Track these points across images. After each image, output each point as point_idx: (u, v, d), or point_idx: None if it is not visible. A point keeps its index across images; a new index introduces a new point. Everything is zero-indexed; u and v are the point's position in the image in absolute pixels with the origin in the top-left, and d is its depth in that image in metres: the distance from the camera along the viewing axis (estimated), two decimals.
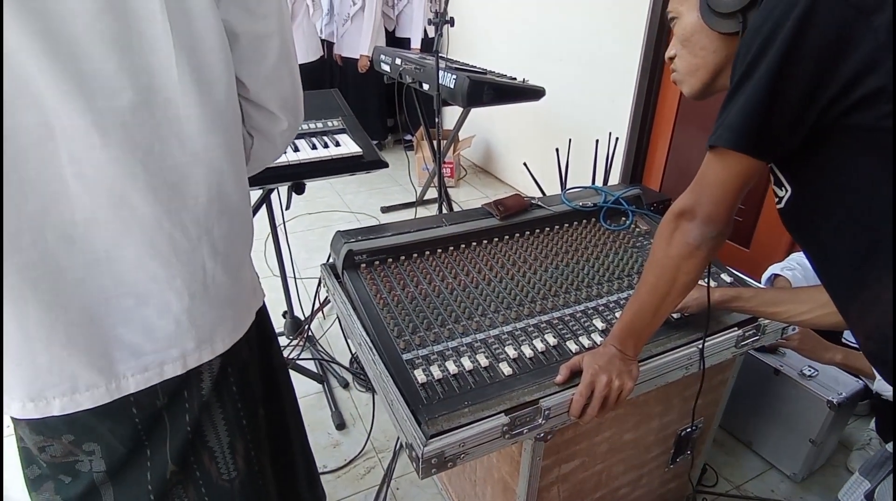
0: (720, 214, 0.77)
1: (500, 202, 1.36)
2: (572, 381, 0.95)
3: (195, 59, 0.66)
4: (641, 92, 2.57)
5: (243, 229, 0.82)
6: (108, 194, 0.64)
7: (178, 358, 0.76)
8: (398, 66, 2.83)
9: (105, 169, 0.63)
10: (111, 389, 0.72)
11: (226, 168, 0.74)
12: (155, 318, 0.73)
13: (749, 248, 2.36)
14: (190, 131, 0.68)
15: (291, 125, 0.87)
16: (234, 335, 0.85)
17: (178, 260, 0.72)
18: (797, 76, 0.62)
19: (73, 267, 0.66)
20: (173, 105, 0.66)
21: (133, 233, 0.68)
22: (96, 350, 0.70)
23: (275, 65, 0.77)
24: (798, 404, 1.56)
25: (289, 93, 0.83)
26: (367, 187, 3.89)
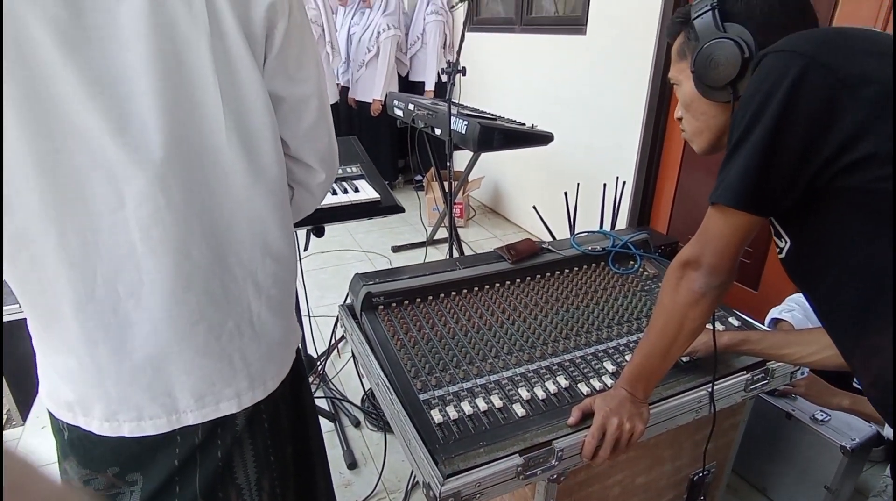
0: (723, 264, 0.82)
1: (512, 247, 1.41)
2: (584, 423, 0.98)
3: (242, 123, 0.73)
4: (647, 137, 2.65)
5: (287, 272, 0.88)
6: (172, 251, 0.72)
7: (233, 397, 0.82)
8: (411, 111, 2.95)
9: (169, 229, 0.71)
10: (171, 420, 0.79)
11: (268, 216, 0.80)
12: (212, 363, 0.79)
13: (758, 290, 2.39)
14: (236, 185, 0.75)
15: (329, 177, 0.94)
16: (282, 374, 0.90)
17: (229, 302, 0.78)
18: (788, 143, 0.67)
19: (141, 322, 0.73)
20: (222, 163, 0.73)
21: (193, 284, 0.74)
22: (159, 390, 0.77)
23: (313, 123, 0.85)
24: (811, 449, 1.55)
25: (325, 148, 0.90)
26: (379, 227, 3.96)
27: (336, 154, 0.94)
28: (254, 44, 0.71)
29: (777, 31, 0.76)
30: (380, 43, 4.17)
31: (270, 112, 0.76)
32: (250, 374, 0.84)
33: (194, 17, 0.66)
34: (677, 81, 0.92)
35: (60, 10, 0.60)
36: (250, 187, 0.76)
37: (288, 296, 0.90)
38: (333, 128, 0.92)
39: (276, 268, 0.85)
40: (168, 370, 0.77)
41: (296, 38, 0.76)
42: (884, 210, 0.64)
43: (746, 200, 0.73)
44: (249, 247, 0.80)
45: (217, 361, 0.79)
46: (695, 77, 0.85)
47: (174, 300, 0.73)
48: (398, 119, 3.19)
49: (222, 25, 0.68)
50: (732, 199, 0.73)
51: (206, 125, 0.70)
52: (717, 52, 0.80)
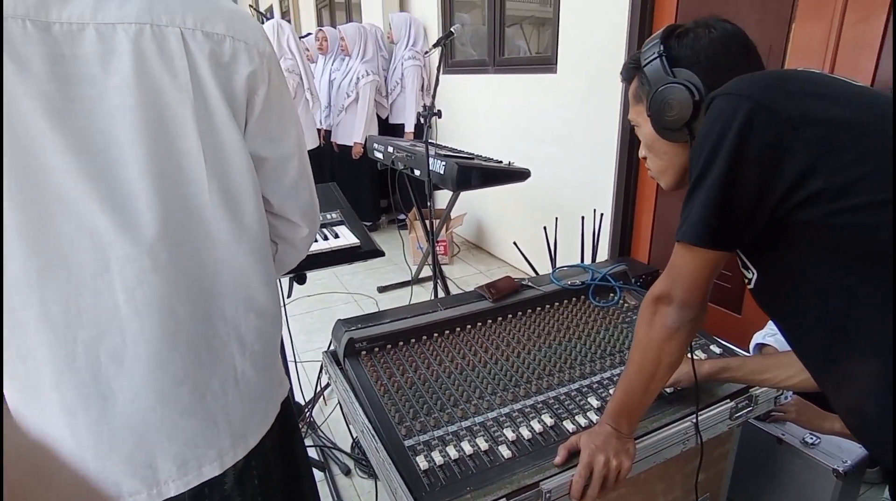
0: (694, 298, 0.83)
1: (492, 285, 1.43)
2: (571, 461, 0.97)
3: (225, 185, 0.75)
4: (622, 169, 2.72)
5: (271, 327, 0.88)
6: (157, 311, 0.72)
7: (215, 459, 0.81)
8: (390, 153, 3.00)
9: (154, 289, 0.71)
10: (152, 494, 0.77)
11: (252, 272, 0.81)
12: (196, 424, 0.78)
13: (741, 313, 2.41)
14: (220, 243, 0.76)
15: (311, 231, 0.96)
16: (263, 428, 0.89)
17: (213, 360, 0.78)
18: (743, 183, 0.69)
19: (121, 389, 0.72)
20: (206, 223, 0.74)
21: (178, 343, 0.74)
22: (140, 461, 0.75)
23: (295, 181, 0.87)
24: (805, 474, 1.54)
25: (307, 204, 0.92)
26: (364, 269, 3.96)
27: (317, 209, 0.97)
28: (236, 110, 0.74)
29: (724, 72, 0.80)
30: (359, 88, 4.29)
31: (252, 173, 0.79)
32: (232, 432, 0.82)
33: (179, 86, 0.68)
34: (637, 123, 0.96)
35: (49, 84, 0.62)
36: (234, 245, 0.78)
37: (272, 351, 0.90)
38: (314, 184, 0.94)
39: (260, 323, 0.85)
40: (150, 436, 0.75)
41: (275, 102, 0.79)
42: (838, 243, 0.66)
43: (709, 238, 0.75)
44: (233, 303, 0.80)
45: (201, 421, 0.78)
46: (651, 120, 0.89)
47: (159, 362, 0.73)
48: (378, 162, 3.24)
49: (206, 94, 0.70)
50: (695, 237, 0.76)
51: (190, 189, 0.72)
52: (669, 97, 0.84)
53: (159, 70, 0.67)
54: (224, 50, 0.72)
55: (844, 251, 0.66)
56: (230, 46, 0.73)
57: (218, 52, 0.71)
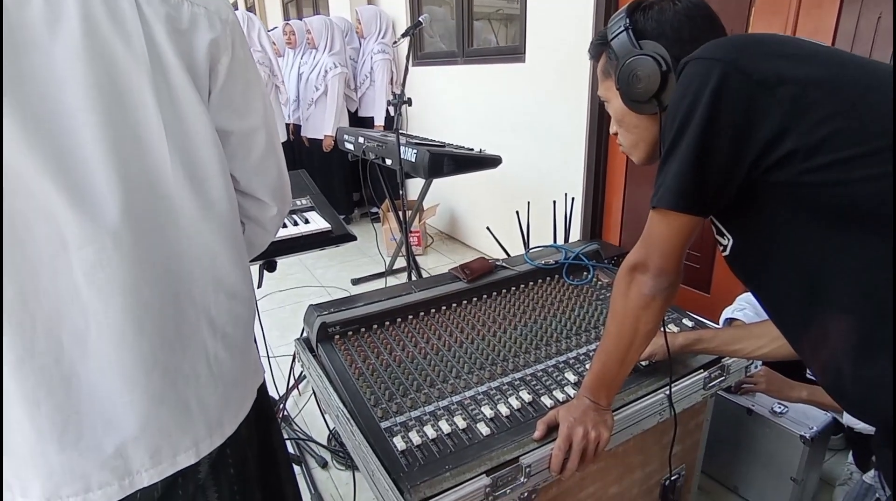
0: (670, 265, 0.83)
1: (467, 266, 1.41)
2: (550, 436, 0.97)
3: (188, 157, 0.71)
4: (591, 153, 2.74)
5: (244, 309, 0.84)
6: (120, 293, 0.68)
7: (190, 447, 0.77)
8: (361, 144, 2.96)
9: (116, 269, 0.67)
10: (124, 485, 0.73)
11: (220, 251, 0.77)
12: (168, 411, 0.74)
13: (709, 293, 2.46)
14: (185, 220, 0.72)
15: (281, 211, 0.93)
16: (240, 416, 0.86)
17: (183, 344, 0.74)
18: (717, 146, 0.69)
19: (87, 371, 0.68)
20: (169, 199, 0.70)
21: (145, 327, 0.70)
22: (109, 450, 0.71)
23: (262, 156, 0.83)
24: (774, 442, 1.58)
25: (275, 181, 0.88)
26: (338, 261, 3.91)
27: (288, 187, 0.93)
28: (197, 78, 0.71)
29: (689, 44, 0.80)
30: (327, 81, 4.22)
31: (218, 147, 0.75)
32: (207, 419, 0.79)
33: (133, 52, 0.64)
34: (606, 99, 0.95)
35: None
36: (199, 222, 0.74)
37: (246, 334, 0.87)
38: (284, 161, 0.91)
39: (232, 305, 0.81)
40: (119, 424, 0.71)
41: (240, 73, 0.76)
42: (812, 202, 0.67)
43: (685, 202, 0.75)
44: (201, 284, 0.76)
45: (174, 408, 0.74)
46: (620, 93, 0.89)
47: (125, 345, 0.69)
48: (349, 153, 3.19)
49: (163, 61, 0.67)
50: (671, 203, 0.75)
51: (150, 161, 0.68)
52: (637, 69, 0.84)
53: (110, 35, 0.63)
54: (182, 15, 0.68)
55: (816, 210, 0.67)
56: (189, 11, 0.69)
57: (175, 18, 0.68)
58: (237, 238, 0.82)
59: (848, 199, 0.63)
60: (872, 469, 0.87)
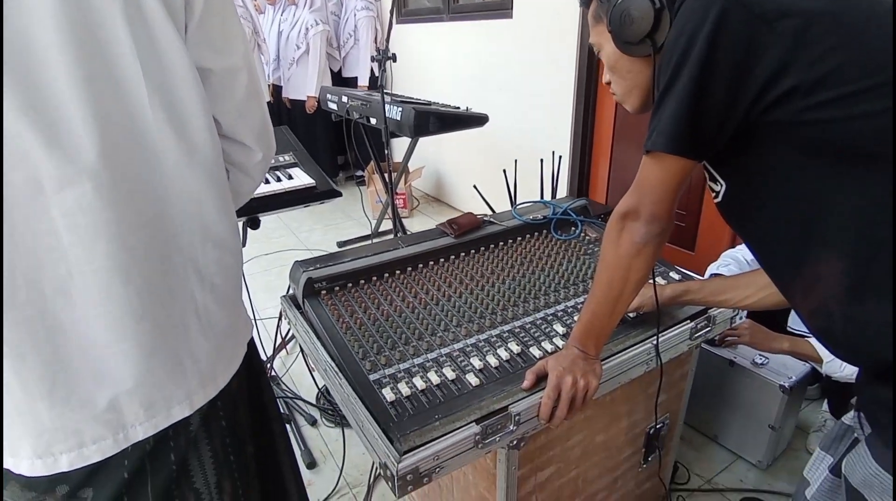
0: (662, 212, 0.82)
1: (454, 221, 1.40)
2: (539, 385, 0.97)
3: (168, 96, 0.67)
4: (578, 112, 2.70)
5: (231, 258, 0.82)
6: (104, 240, 0.65)
7: (184, 399, 0.76)
8: (345, 103, 2.88)
9: (98, 214, 0.64)
10: (119, 439, 0.71)
11: (206, 197, 0.75)
12: (160, 364, 0.72)
13: (694, 251, 2.48)
14: (167, 165, 0.69)
15: (266, 156, 0.90)
16: (232, 369, 0.84)
17: (171, 295, 0.72)
18: (716, 83, 0.67)
19: (73, 321, 0.65)
20: (149, 141, 0.67)
21: (132, 276, 0.67)
22: (102, 403, 0.69)
23: (244, 98, 0.80)
24: (754, 392, 1.62)
25: (259, 124, 0.85)
26: (323, 224, 3.87)
27: (272, 132, 0.90)
28: (173, 12, 0.66)
29: None
30: (309, 39, 4.07)
31: (199, 85, 0.71)
32: (200, 371, 0.77)
33: None
34: (599, 45, 0.92)
35: None
36: (183, 167, 0.71)
37: (235, 285, 0.85)
38: (266, 105, 0.87)
39: (219, 254, 0.79)
40: (111, 376, 0.69)
41: (217, 8, 0.72)
42: (811, 141, 0.65)
43: (680, 144, 0.73)
44: (188, 232, 0.73)
45: (166, 361, 0.73)
46: (613, 36, 0.85)
47: (112, 296, 0.66)
48: (333, 113, 3.11)
49: None
50: (666, 144, 0.73)
51: (129, 103, 0.64)
52: (630, 7, 0.80)
53: None
54: None
55: (815, 149, 0.65)
56: None
57: None
58: (223, 185, 0.79)
59: (848, 137, 0.62)
60: (851, 411, 0.89)
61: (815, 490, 0.96)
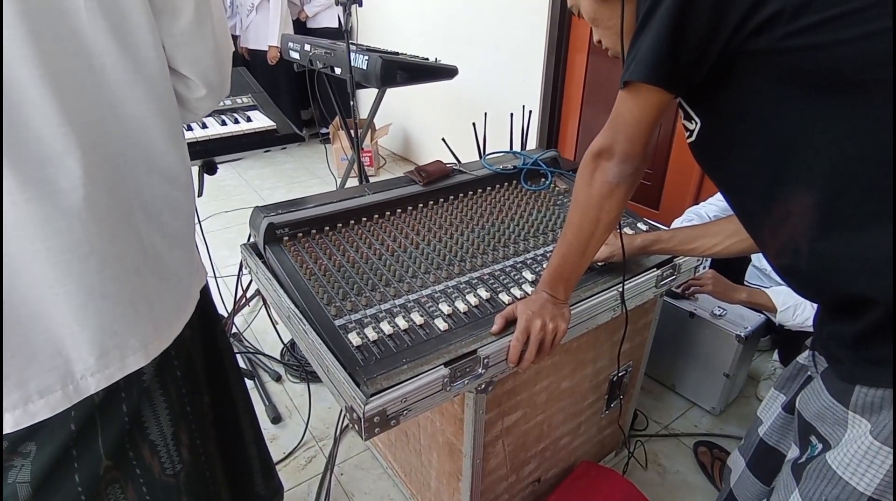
0: (636, 150, 0.80)
1: (423, 169, 1.36)
2: (508, 330, 0.96)
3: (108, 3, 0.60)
4: (549, 68, 2.66)
5: (182, 194, 0.76)
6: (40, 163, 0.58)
7: (139, 348, 0.71)
8: (307, 52, 2.74)
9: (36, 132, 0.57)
10: (69, 392, 0.66)
11: (152, 124, 0.68)
12: (112, 307, 0.66)
13: (658, 209, 2.52)
14: (109, 82, 0.63)
15: (212, 93, 0.80)
16: (186, 315, 0.79)
17: (117, 230, 0.66)
18: (698, 8, 0.64)
19: (9, 257, 0.59)
20: (87, 53, 0.60)
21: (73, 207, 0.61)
22: (48, 350, 0.63)
23: (193, 21, 0.71)
24: (712, 342, 1.68)
25: (207, 57, 0.76)
26: (286, 182, 3.75)
27: (226, 67, 0.81)
28: None
29: None
30: None
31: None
32: (154, 318, 0.72)
33: None
34: (576, 5, 0.89)
35: None
36: (127, 86, 0.64)
37: (186, 225, 0.79)
38: (224, 40, 0.78)
39: (167, 189, 0.72)
40: (56, 321, 0.63)
41: None
42: (792, 70, 0.64)
43: (658, 74, 0.70)
44: (132, 162, 0.67)
45: (117, 304, 0.67)
46: None
47: (52, 229, 0.59)
48: (295, 62, 2.96)
49: None
50: (644, 74, 0.71)
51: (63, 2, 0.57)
52: None
53: None
54: None
55: (795, 79, 0.64)
56: None
57: None
58: (172, 113, 0.72)
59: (829, 64, 0.61)
60: (806, 351, 0.92)
61: (768, 427, 1.00)
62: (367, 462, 1.61)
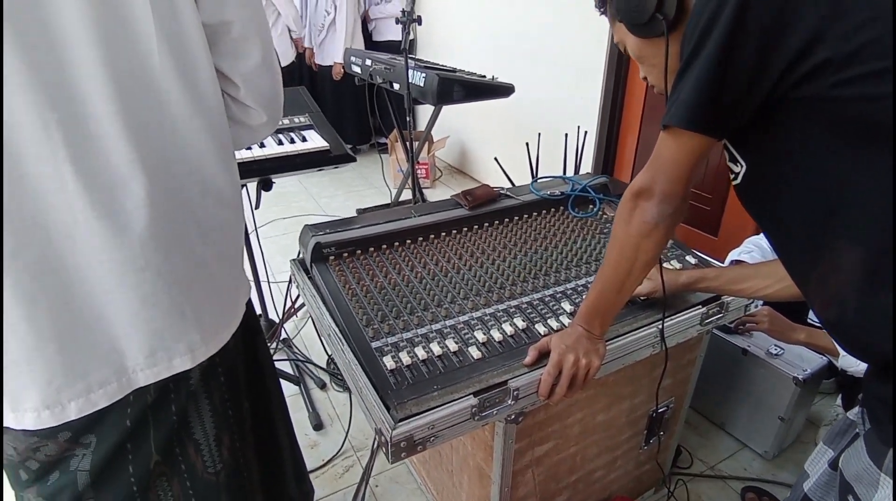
0: (676, 191, 0.79)
1: (469, 193, 1.37)
2: (541, 362, 0.96)
3: (177, 45, 0.67)
4: (609, 87, 2.61)
5: (232, 215, 0.82)
6: (108, 187, 0.65)
7: (185, 352, 0.77)
8: (368, 66, 2.83)
9: (107, 159, 0.64)
10: (122, 383, 0.73)
11: (207, 151, 0.75)
12: (161, 315, 0.73)
13: (717, 236, 2.42)
14: (172, 116, 0.69)
15: (271, 119, 0.88)
16: (233, 326, 0.86)
17: (171, 246, 0.72)
18: (743, 53, 0.63)
19: (78, 267, 0.66)
20: (156, 91, 0.67)
21: (133, 224, 0.68)
22: (106, 346, 0.70)
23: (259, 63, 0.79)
24: (766, 382, 1.59)
25: (270, 92, 0.84)
26: (343, 191, 3.88)
27: (280, 97, 0.88)
28: None
29: None
30: (336, 3, 3.99)
31: (204, 37, 0.71)
32: (202, 326, 0.78)
33: None
34: (621, 41, 0.89)
35: None
36: (189, 118, 0.71)
37: (235, 243, 0.85)
38: (278, 71, 0.85)
39: (220, 210, 0.79)
40: (113, 323, 0.70)
41: None
42: (841, 119, 0.61)
43: (699, 119, 0.69)
44: (189, 186, 0.74)
45: (167, 313, 0.73)
46: (626, 24, 0.81)
47: (115, 244, 0.67)
48: (356, 76, 3.06)
49: None
50: (685, 120, 0.70)
51: (139, 47, 0.64)
52: None
53: None
54: None
55: (841, 129, 0.61)
56: None
57: None
58: (225, 140, 0.79)
59: (880, 116, 0.58)
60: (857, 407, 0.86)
61: (813, 482, 0.94)
62: (402, 476, 1.64)
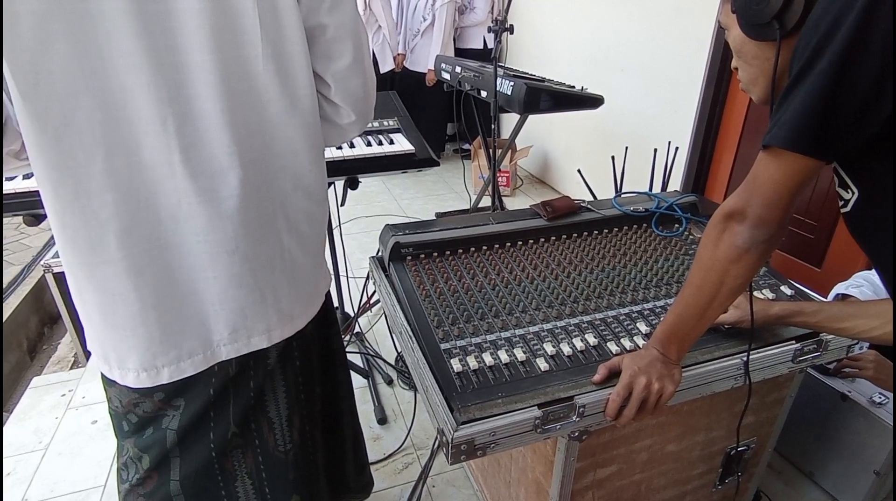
0: (773, 216, 0.74)
1: (549, 203, 1.36)
2: (610, 381, 0.93)
3: (279, 49, 0.73)
4: (706, 102, 2.48)
5: (318, 209, 0.88)
6: (211, 175, 0.72)
7: (263, 332, 0.84)
8: (457, 73, 2.88)
9: (210, 151, 0.72)
10: (207, 356, 0.81)
11: (301, 148, 0.81)
12: (245, 295, 0.80)
13: (821, 268, 2.22)
14: (270, 114, 0.76)
15: (360, 119, 0.92)
16: (310, 313, 0.92)
17: (261, 235, 0.80)
18: (862, 72, 0.58)
19: (179, 245, 0.75)
20: (258, 91, 0.73)
21: (229, 211, 0.75)
22: (196, 320, 0.79)
23: (349, 65, 0.83)
24: (865, 433, 1.44)
25: (361, 92, 0.88)
26: (424, 193, 3.96)
27: (371, 99, 0.92)
28: None
29: None
30: (435, 11, 4.08)
31: (304, 42, 0.76)
32: (280, 309, 0.85)
33: None
34: (726, 26, 0.84)
35: None
36: (285, 116, 0.77)
37: (318, 235, 0.91)
38: (370, 72, 0.89)
39: (307, 204, 0.85)
40: (204, 298, 0.78)
41: None
42: None
43: (806, 140, 0.64)
44: (282, 178, 0.80)
45: (250, 293, 0.80)
46: (738, 17, 0.77)
47: (211, 227, 0.74)
48: (445, 83, 3.13)
49: None
50: (789, 140, 0.65)
51: (246, 52, 0.71)
52: None
53: None
54: None
55: None
56: None
57: None
58: (317, 137, 0.84)
59: None
60: None
61: None
62: (459, 479, 1.65)
